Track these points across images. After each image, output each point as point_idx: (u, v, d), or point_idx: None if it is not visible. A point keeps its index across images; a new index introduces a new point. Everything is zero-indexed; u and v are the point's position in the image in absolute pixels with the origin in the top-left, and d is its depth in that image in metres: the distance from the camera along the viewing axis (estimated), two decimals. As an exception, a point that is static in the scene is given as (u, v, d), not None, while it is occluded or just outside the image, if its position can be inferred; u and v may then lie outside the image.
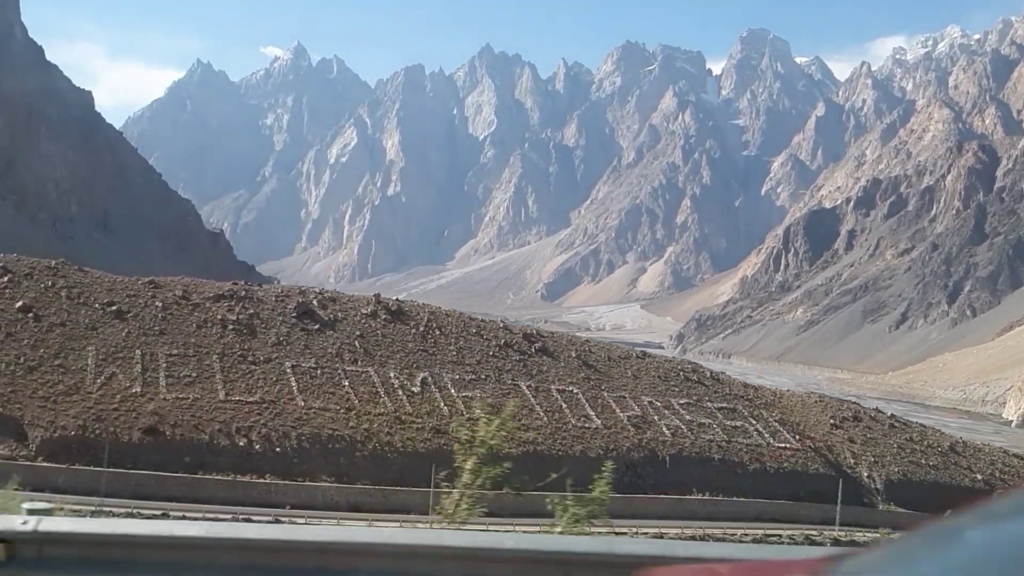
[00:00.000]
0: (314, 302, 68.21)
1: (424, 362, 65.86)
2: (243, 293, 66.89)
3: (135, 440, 50.14)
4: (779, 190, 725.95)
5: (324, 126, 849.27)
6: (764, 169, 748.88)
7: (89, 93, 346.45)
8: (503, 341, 72.81)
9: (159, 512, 43.17)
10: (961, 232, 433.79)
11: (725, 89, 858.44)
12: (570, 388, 68.79)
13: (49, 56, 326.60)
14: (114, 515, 40.93)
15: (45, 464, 47.96)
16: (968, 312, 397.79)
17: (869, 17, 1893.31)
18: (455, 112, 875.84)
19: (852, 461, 74.80)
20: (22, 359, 53.62)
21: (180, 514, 42.75)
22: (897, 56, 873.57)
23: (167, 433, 51.20)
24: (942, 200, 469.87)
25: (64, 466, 48.02)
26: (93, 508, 41.63)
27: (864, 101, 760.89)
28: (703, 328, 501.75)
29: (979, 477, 79.36)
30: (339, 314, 68.34)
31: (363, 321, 68.44)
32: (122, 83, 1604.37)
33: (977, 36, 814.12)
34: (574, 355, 74.90)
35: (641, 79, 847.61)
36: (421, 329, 69.92)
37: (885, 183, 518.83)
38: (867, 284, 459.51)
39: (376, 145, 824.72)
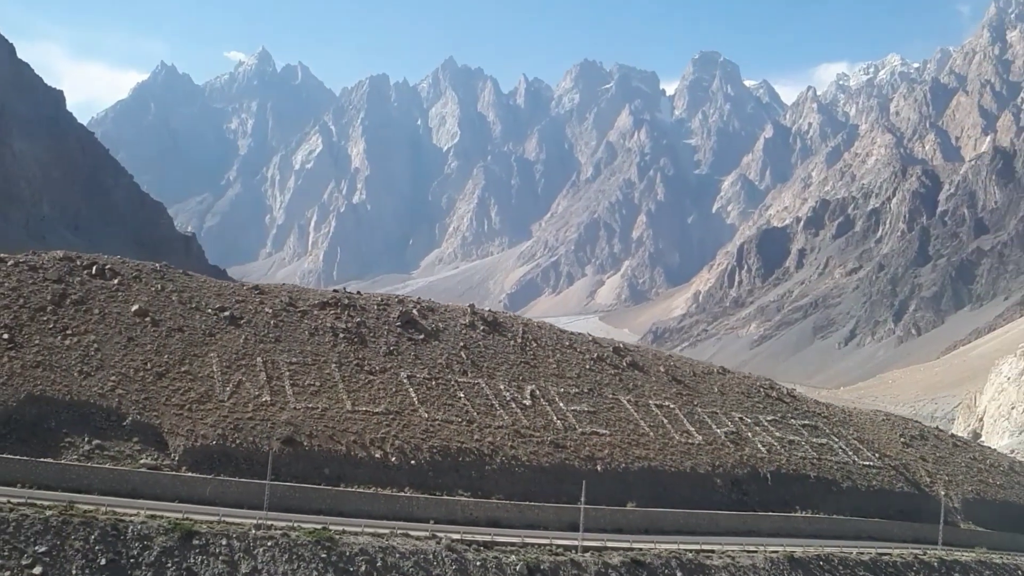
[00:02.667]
0: (414, 311, 72.33)
1: (528, 374, 69.99)
2: (346, 301, 70.57)
3: (274, 450, 52.51)
4: (729, 208, 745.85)
5: (289, 132, 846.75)
6: (715, 188, 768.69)
7: (60, 93, 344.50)
8: (596, 355, 77.53)
9: (319, 526, 46.72)
10: (906, 253, 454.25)
11: (678, 109, 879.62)
12: (667, 403, 73.42)
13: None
14: (275, 528, 44.56)
15: (190, 474, 50.20)
16: (913, 331, 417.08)
17: (813, 44, 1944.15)
18: (419, 123, 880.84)
19: (928, 480, 79.87)
20: (148, 365, 56.03)
21: (340, 529, 46.79)
22: (840, 82, 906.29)
23: (304, 444, 53.76)
24: (888, 222, 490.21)
25: (210, 477, 50.36)
26: (256, 521, 45.19)
27: (810, 124, 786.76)
28: (660, 341, 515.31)
29: None
30: (439, 324, 72.55)
31: (463, 332, 72.57)
32: (84, 84, 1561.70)
33: (916, 65, 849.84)
34: (663, 370, 79.81)
35: (599, 97, 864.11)
36: (519, 341, 74.50)
37: (833, 204, 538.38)
38: (817, 301, 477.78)
39: (341, 153, 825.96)
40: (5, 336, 54.00)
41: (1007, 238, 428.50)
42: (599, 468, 61.68)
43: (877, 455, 79.42)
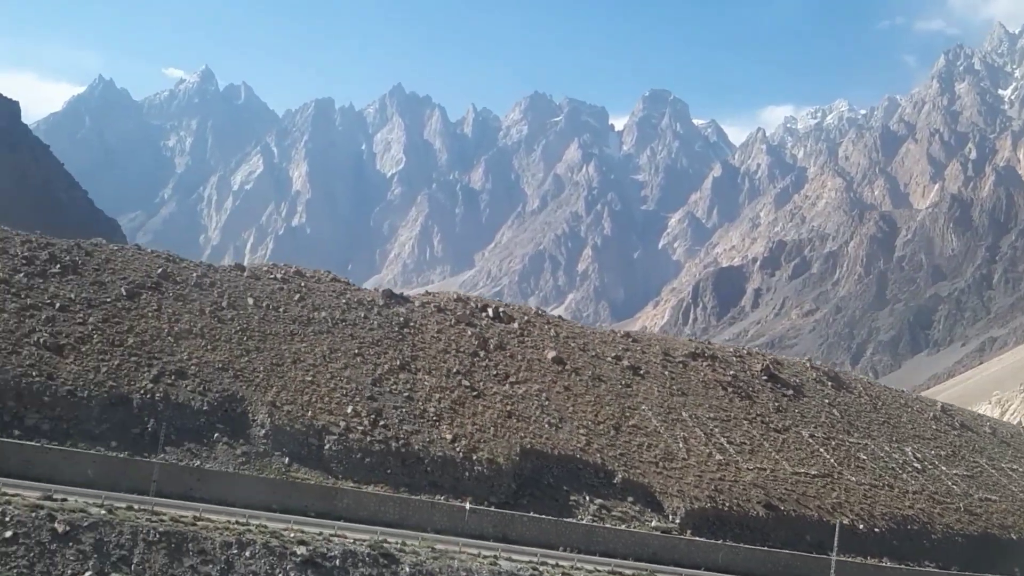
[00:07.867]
0: (769, 364, 69.89)
1: (896, 435, 67.15)
2: (707, 352, 68.41)
3: (760, 515, 50.44)
4: (675, 245, 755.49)
5: (228, 152, 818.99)
6: (662, 224, 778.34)
7: (16, 103, 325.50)
8: (930, 414, 74.48)
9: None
10: (863, 297, 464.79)
11: (627, 144, 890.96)
12: (1014, 466, 70.90)
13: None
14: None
15: (703, 540, 48.19)
16: (871, 374, 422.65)
17: (760, 86, 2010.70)
18: (363, 148, 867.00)
19: None
20: (600, 417, 53.74)
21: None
22: (788, 125, 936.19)
23: (781, 508, 51.40)
24: (844, 265, 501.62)
25: (719, 543, 48.57)
26: None
27: (759, 165, 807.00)
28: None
29: None
30: (796, 379, 69.76)
31: (817, 388, 69.64)
32: (9, 94, 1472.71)
33: (864, 111, 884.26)
34: (988, 430, 77.36)
35: (547, 129, 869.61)
36: (866, 399, 71.85)
37: (790, 245, 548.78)
38: (773, 342, 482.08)
39: (282, 175, 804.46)
40: (466, 383, 50.09)
41: (964, 286, 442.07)
42: (1013, 537, 59.68)
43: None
